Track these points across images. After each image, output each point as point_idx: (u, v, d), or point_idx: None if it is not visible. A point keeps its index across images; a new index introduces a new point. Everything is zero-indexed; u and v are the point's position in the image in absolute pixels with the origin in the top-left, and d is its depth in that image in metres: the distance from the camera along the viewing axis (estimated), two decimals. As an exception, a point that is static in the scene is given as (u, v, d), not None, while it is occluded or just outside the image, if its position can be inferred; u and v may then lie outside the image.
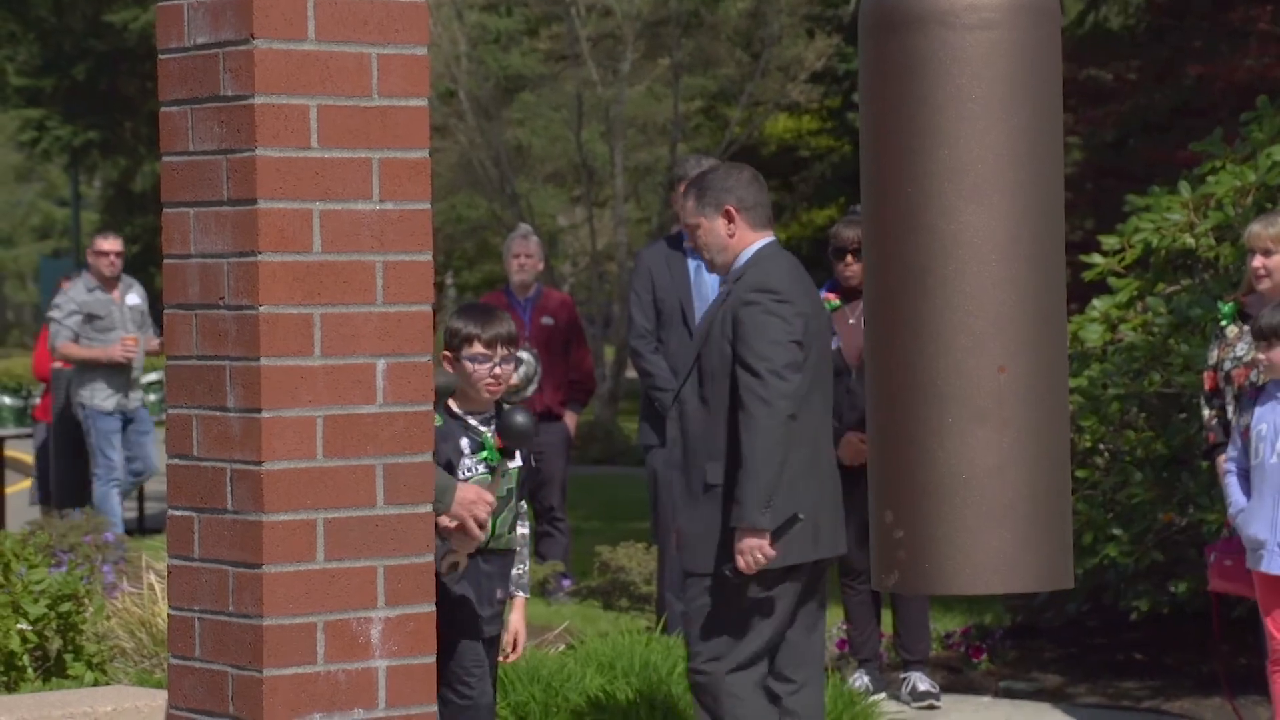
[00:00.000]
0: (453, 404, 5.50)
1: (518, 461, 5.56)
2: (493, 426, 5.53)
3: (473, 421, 5.52)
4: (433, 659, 3.51)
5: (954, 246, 2.86)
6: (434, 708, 3.49)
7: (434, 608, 3.53)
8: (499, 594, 5.55)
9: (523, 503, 5.68)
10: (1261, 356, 6.81)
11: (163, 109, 3.63)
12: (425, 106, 3.62)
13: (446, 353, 5.44)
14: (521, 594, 5.66)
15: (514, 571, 5.64)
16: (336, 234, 3.50)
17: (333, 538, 3.45)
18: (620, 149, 23.52)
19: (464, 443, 5.44)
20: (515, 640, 5.65)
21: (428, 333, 3.61)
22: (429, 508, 3.55)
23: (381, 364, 3.53)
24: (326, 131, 3.50)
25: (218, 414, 3.48)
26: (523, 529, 5.66)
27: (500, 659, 5.66)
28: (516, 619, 5.66)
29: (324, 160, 3.50)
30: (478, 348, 5.44)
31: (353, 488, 3.47)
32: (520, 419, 5.49)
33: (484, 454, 5.46)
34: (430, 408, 3.59)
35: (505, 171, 23.54)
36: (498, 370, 5.49)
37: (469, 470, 5.41)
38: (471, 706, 5.44)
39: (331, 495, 3.46)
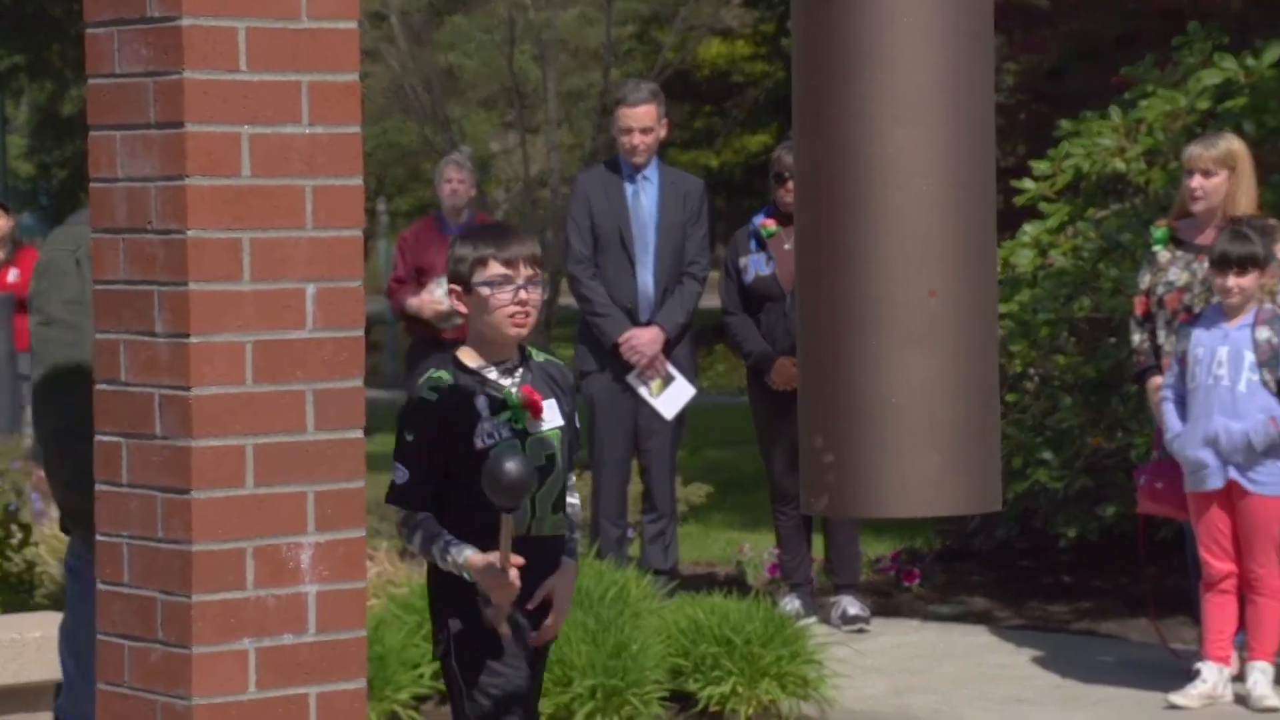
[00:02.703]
0: (464, 358, 4.55)
1: (555, 420, 4.55)
2: (514, 382, 4.53)
3: (492, 375, 4.54)
4: (363, 584, 3.51)
5: (885, 170, 2.86)
6: (364, 632, 3.49)
7: (364, 533, 3.53)
8: (542, 591, 4.56)
9: (572, 474, 4.68)
10: (1233, 283, 6.83)
11: (88, 31, 3.59)
12: (355, 29, 3.59)
13: (454, 287, 4.55)
14: (569, 560, 4.64)
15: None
16: (266, 158, 3.48)
17: (262, 463, 3.44)
18: (553, 73, 23.42)
19: (480, 402, 4.48)
20: (548, 604, 4.57)
21: (358, 257, 3.59)
22: (359, 433, 3.54)
23: (311, 289, 3.51)
24: (255, 54, 3.47)
25: (146, 339, 3.46)
26: (573, 499, 4.66)
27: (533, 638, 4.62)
28: (554, 582, 4.57)
29: (252, 83, 3.47)
30: (495, 268, 4.48)
31: (282, 413, 3.46)
32: (511, 466, 4.24)
33: (507, 414, 4.49)
34: (361, 333, 3.58)
35: (437, 96, 23.41)
36: (525, 294, 4.49)
37: (490, 436, 4.46)
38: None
39: (261, 420, 3.45)
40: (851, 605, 8.29)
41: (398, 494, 4.56)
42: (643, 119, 8.46)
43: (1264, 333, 6.85)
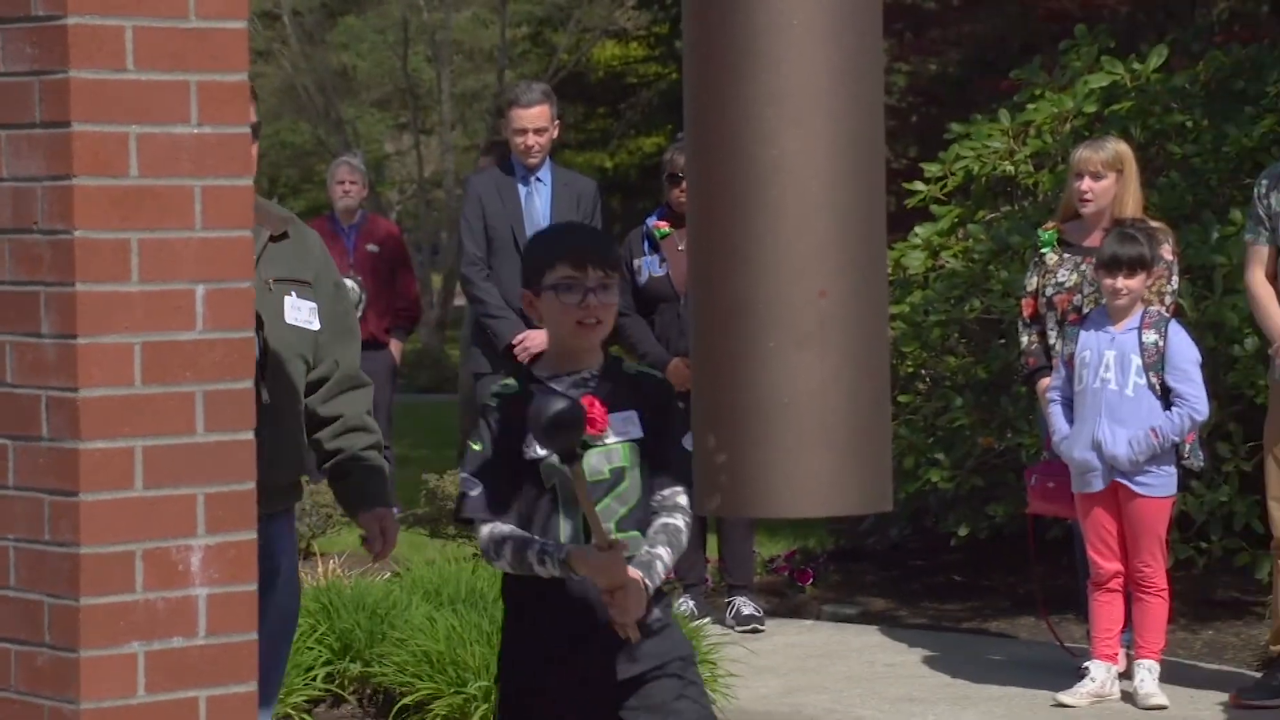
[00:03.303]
0: (535, 367, 4.31)
1: (630, 434, 4.21)
2: (581, 393, 4.16)
3: (560, 385, 4.20)
4: (254, 586, 3.48)
5: (776, 172, 2.87)
6: (255, 635, 3.46)
7: (255, 535, 3.50)
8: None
9: (678, 490, 4.25)
10: (1123, 284, 6.89)
11: (-28, 29, 3.55)
12: (245, 28, 3.57)
13: (526, 291, 4.27)
14: (641, 574, 4.16)
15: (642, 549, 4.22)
16: (154, 158, 3.45)
17: (151, 465, 3.41)
18: (447, 75, 23.38)
19: None
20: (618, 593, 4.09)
21: (248, 259, 3.57)
22: (250, 435, 3.52)
23: (201, 290, 3.49)
24: (143, 53, 3.44)
25: (32, 340, 3.43)
26: (672, 519, 4.24)
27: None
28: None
29: (140, 83, 3.44)
30: (563, 270, 4.16)
31: (172, 415, 3.44)
32: (557, 404, 3.94)
33: None
34: (252, 335, 3.56)
35: (330, 97, 23.32)
36: (593, 299, 4.16)
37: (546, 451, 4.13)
38: None
39: (150, 422, 3.42)
40: (745, 605, 8.32)
41: (470, 505, 4.21)
42: (536, 119, 8.46)
43: (1151, 336, 6.91)
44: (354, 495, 4.77)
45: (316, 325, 4.66)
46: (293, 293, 4.63)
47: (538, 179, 8.55)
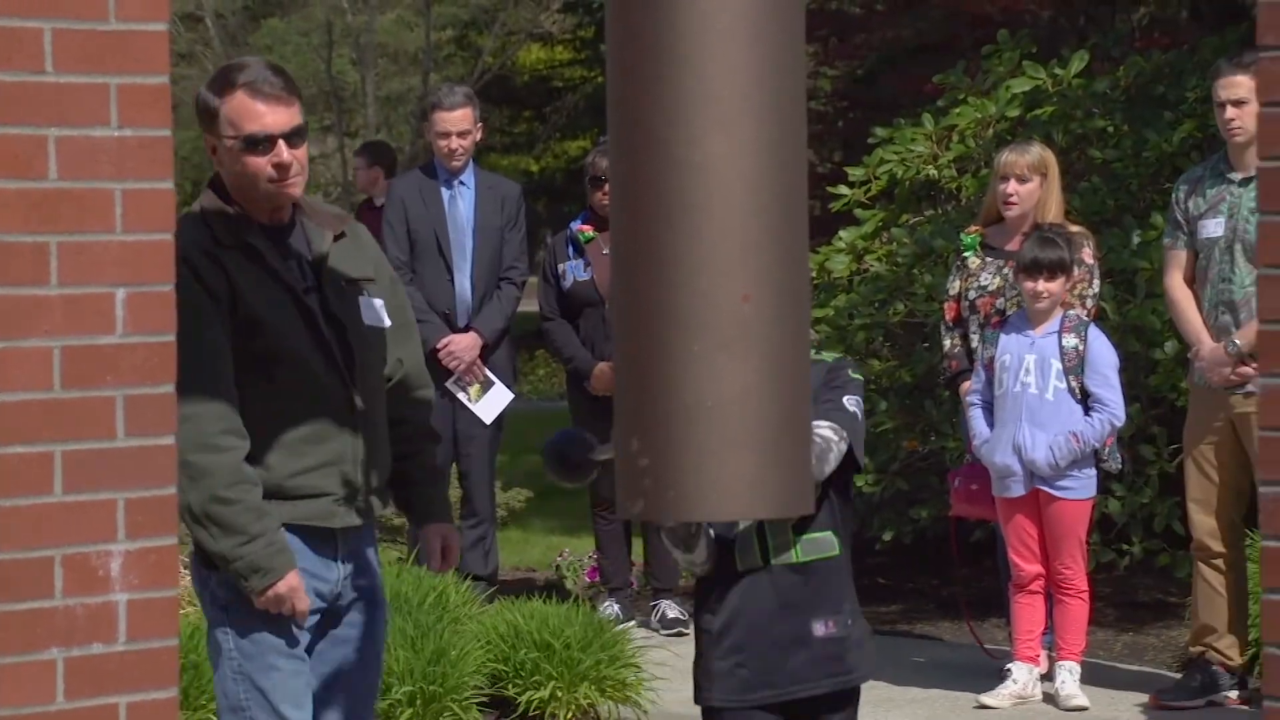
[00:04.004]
0: None
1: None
2: None
3: None
4: (175, 591, 3.46)
5: (700, 175, 2.87)
6: (176, 641, 3.44)
7: (176, 540, 3.48)
8: (820, 628, 4.24)
9: (824, 424, 4.16)
10: (1043, 288, 6.92)
11: (-111, 30, 3.52)
12: (165, 30, 3.55)
13: None
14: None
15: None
16: (73, 161, 3.43)
17: (71, 470, 3.38)
18: (372, 78, 23.31)
19: None
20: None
21: (169, 262, 3.55)
22: (171, 439, 3.49)
23: (121, 293, 3.46)
24: (62, 56, 3.42)
25: (-50, 344, 3.40)
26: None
27: None
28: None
29: (59, 85, 3.42)
30: None
31: (92, 419, 3.41)
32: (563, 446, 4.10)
33: None
34: (173, 338, 3.53)
35: (254, 99, 23.15)
36: None
37: None
38: None
39: (70, 427, 3.39)
40: (671, 609, 8.33)
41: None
42: (459, 122, 8.44)
43: (1070, 340, 6.96)
44: (421, 505, 4.58)
45: (388, 322, 4.44)
46: (365, 291, 4.41)
47: (461, 182, 8.53)
